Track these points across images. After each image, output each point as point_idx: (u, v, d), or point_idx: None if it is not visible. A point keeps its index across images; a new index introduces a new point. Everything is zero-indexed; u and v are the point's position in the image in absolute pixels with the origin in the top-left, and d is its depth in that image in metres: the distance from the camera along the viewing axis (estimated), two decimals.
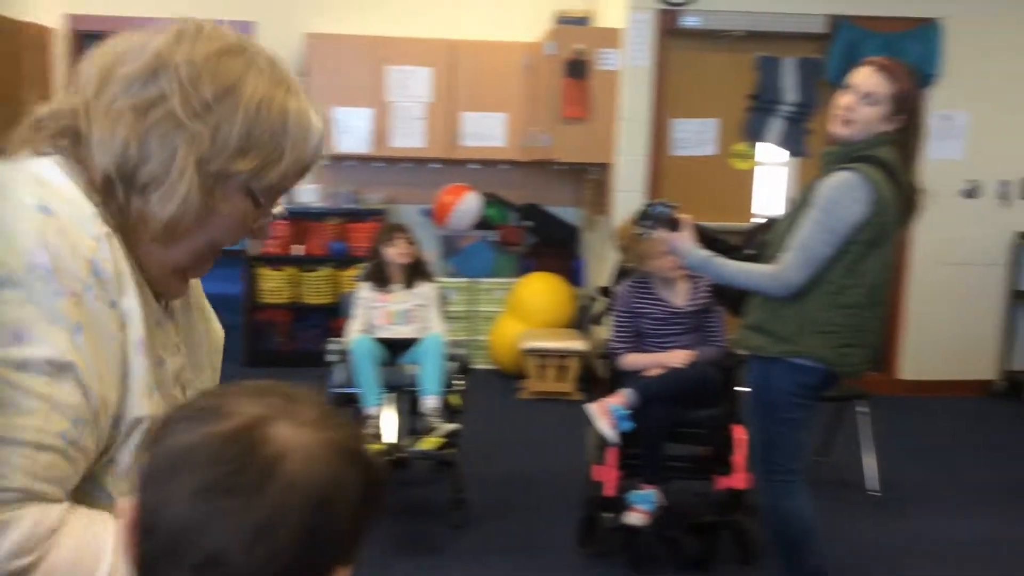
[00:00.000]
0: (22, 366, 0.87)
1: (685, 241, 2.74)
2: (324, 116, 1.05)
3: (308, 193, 5.87)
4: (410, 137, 5.91)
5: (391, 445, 3.47)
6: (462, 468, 3.71)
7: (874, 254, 2.54)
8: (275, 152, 0.98)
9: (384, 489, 0.74)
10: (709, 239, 2.82)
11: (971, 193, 5.63)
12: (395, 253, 3.98)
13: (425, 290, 4.02)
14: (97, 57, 0.99)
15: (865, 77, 2.56)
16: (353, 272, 4.52)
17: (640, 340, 3.52)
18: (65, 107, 0.99)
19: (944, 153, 5.56)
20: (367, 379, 3.63)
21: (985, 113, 5.54)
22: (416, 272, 4.03)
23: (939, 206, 5.56)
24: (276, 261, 5.85)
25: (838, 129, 2.60)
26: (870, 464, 4.10)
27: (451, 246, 6.25)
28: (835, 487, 4.02)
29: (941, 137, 5.55)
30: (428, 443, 3.44)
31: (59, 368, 0.88)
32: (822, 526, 2.85)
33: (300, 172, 1.03)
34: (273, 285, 5.85)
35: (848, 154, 2.56)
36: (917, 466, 4.45)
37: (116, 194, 0.97)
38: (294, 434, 0.69)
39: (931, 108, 5.50)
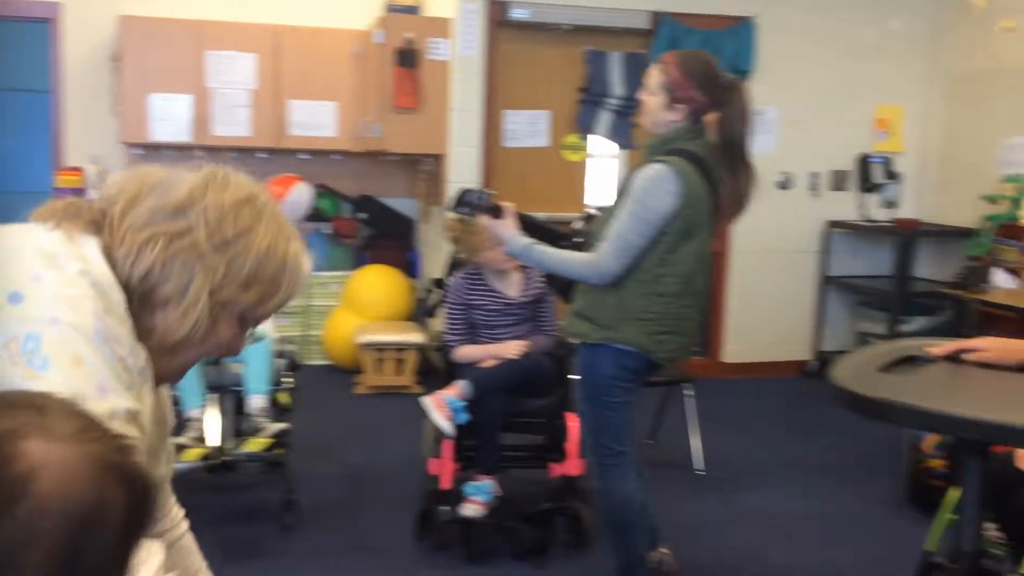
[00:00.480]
0: (112, 416, 0.97)
1: (507, 228, 2.73)
2: (311, 258, 1.21)
3: None
4: (234, 125, 5.66)
5: (215, 448, 3.30)
6: (293, 468, 3.59)
7: (686, 245, 2.61)
8: (273, 288, 1.15)
9: (153, 507, 0.67)
10: (536, 228, 2.83)
11: (784, 185, 5.96)
12: None
13: None
14: (129, 179, 1.14)
15: (648, 71, 2.73)
16: None
17: (474, 331, 3.51)
18: (94, 207, 1.11)
19: (758, 147, 5.81)
20: (188, 380, 3.44)
21: (795, 109, 5.88)
22: None
23: (756, 197, 5.90)
24: None
25: (639, 120, 2.77)
26: (696, 445, 4.27)
27: None
28: (664, 468, 4.16)
29: (755, 132, 5.84)
30: (255, 444, 3.30)
31: (133, 416, 1.02)
32: (653, 505, 2.95)
33: (284, 304, 1.18)
34: None
35: (662, 147, 2.65)
36: (739, 444, 4.68)
37: (130, 302, 1.09)
38: (47, 449, 0.62)
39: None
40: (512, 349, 3.41)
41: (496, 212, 2.74)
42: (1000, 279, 4.93)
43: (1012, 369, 1.67)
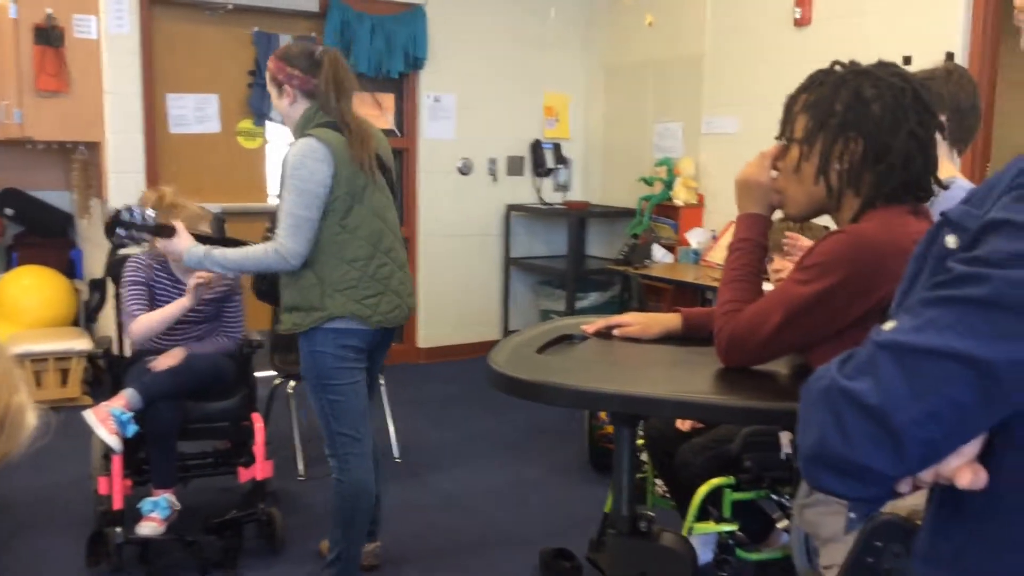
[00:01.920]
0: None
1: (181, 243, 2.70)
2: (37, 413, 1.07)
3: None
4: None
5: None
6: None
7: (359, 207, 2.65)
8: None
9: None
10: (214, 241, 2.80)
11: (464, 170, 6.12)
12: None
13: None
14: None
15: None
16: None
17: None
18: None
19: (438, 133, 5.97)
20: None
21: (471, 96, 6.05)
22: None
23: (438, 182, 6.02)
24: None
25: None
26: (392, 432, 4.26)
27: None
28: None
29: (434, 118, 5.95)
30: None
31: None
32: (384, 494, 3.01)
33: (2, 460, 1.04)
34: None
35: (304, 127, 2.67)
36: (434, 429, 4.74)
37: None
38: None
39: (423, 89, 5.88)
40: (189, 295, 3.19)
41: (164, 231, 2.69)
42: (659, 254, 5.40)
43: (653, 341, 1.79)
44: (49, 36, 4.71)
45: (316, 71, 2.66)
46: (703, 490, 2.69)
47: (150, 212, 2.70)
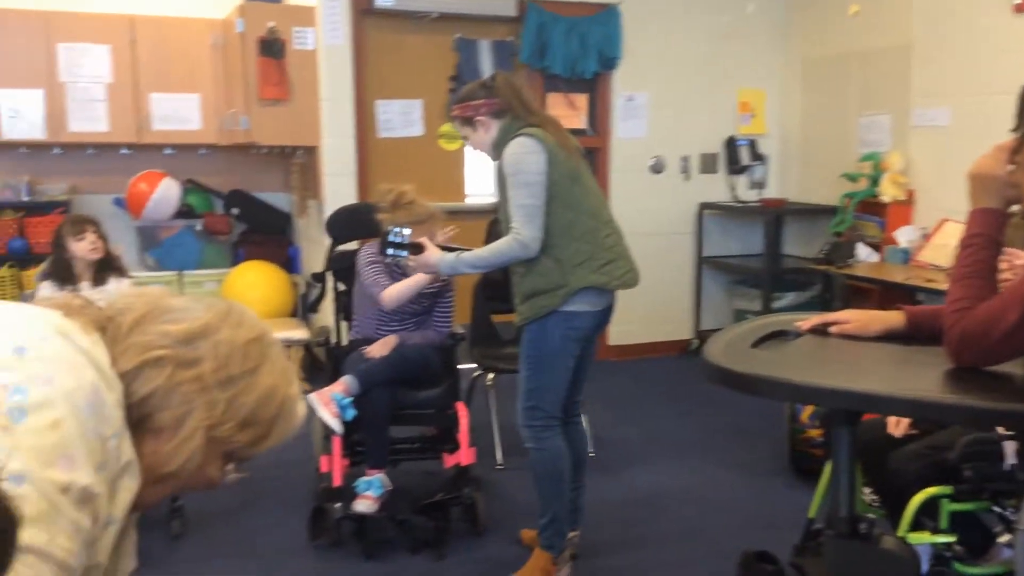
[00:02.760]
0: (65, 489, 0.93)
1: (431, 257, 2.93)
2: (304, 406, 1.21)
3: None
4: (91, 121, 5.38)
5: None
6: None
7: (576, 187, 2.85)
8: (267, 431, 1.13)
9: (14, 539, 0.62)
10: (448, 250, 3.01)
11: (656, 169, 6.10)
12: (83, 248, 3.61)
13: (117, 286, 3.67)
14: (142, 296, 1.12)
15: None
16: (35, 272, 4.04)
17: (377, 313, 3.49)
18: (101, 310, 1.09)
19: (631, 132, 5.99)
20: None
21: (663, 93, 6.02)
22: (106, 267, 3.67)
23: (630, 181, 6.03)
24: None
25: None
26: (585, 427, 4.32)
27: (150, 238, 5.80)
28: None
29: (627, 117, 5.97)
30: None
31: (89, 497, 0.96)
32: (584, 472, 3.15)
33: (270, 448, 1.16)
34: None
35: (505, 138, 2.88)
36: (627, 425, 4.78)
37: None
38: None
39: (616, 89, 5.91)
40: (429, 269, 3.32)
41: (416, 249, 2.93)
42: (863, 253, 5.19)
43: (873, 339, 1.75)
44: (272, 48, 5.10)
45: (494, 91, 2.89)
46: (918, 499, 2.57)
47: (407, 231, 2.95)
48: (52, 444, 0.93)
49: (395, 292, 3.41)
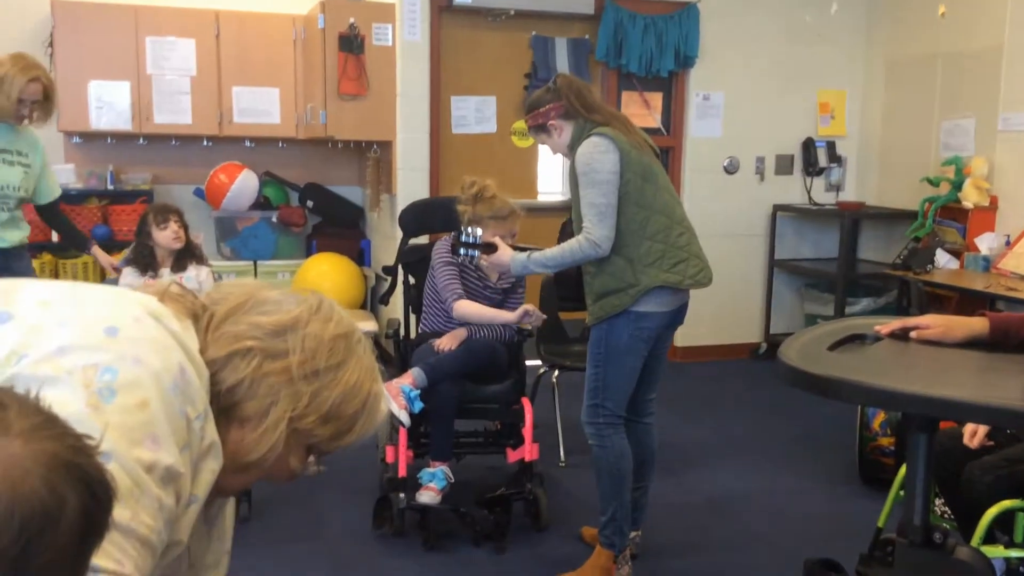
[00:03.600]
0: (150, 468, 0.96)
1: (504, 257, 2.98)
2: (387, 403, 1.23)
3: (63, 174, 5.37)
4: (175, 113, 5.54)
5: None
6: None
7: (649, 186, 2.84)
8: (349, 425, 1.15)
9: (111, 508, 0.64)
10: (521, 250, 3.04)
11: (731, 169, 6.02)
12: (166, 236, 3.72)
13: (196, 274, 3.78)
14: (239, 287, 1.16)
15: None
16: (118, 258, 4.19)
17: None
18: (196, 299, 1.13)
19: (705, 132, 5.92)
20: None
21: (740, 93, 5.94)
22: (186, 255, 3.78)
23: (703, 181, 5.97)
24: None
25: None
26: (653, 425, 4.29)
27: (228, 228, 5.94)
28: None
29: (702, 116, 5.90)
30: None
31: (173, 476, 0.99)
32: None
33: (352, 444, 1.18)
34: None
35: (579, 139, 2.88)
36: (692, 427, 4.73)
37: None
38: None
39: (692, 88, 5.85)
40: (516, 314, 3.42)
41: (489, 248, 2.97)
42: (943, 260, 5.05)
43: (955, 346, 1.70)
44: (352, 44, 5.18)
45: (558, 94, 2.89)
46: (993, 511, 2.50)
47: (479, 231, 3.00)
48: (139, 424, 0.96)
49: (465, 311, 3.43)
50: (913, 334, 1.74)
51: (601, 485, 2.99)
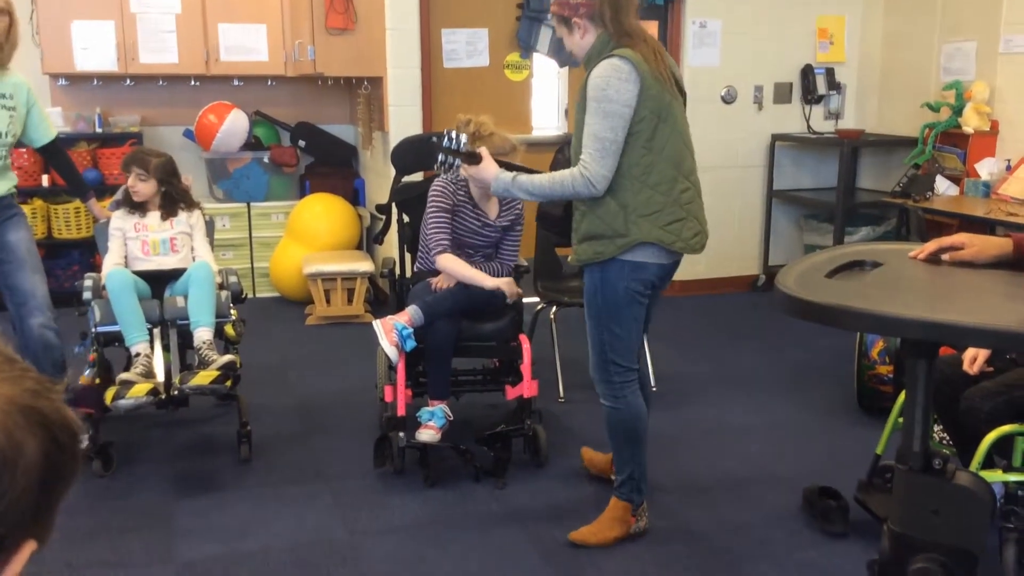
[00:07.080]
0: None
1: (487, 171, 2.72)
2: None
3: (51, 117, 5.27)
4: (161, 52, 5.43)
5: (163, 383, 3.23)
6: (245, 401, 3.54)
7: (663, 127, 2.57)
8: None
9: (76, 453, 0.62)
10: (512, 169, 2.78)
11: (728, 99, 5.92)
12: (131, 186, 3.65)
13: (188, 217, 3.72)
14: None
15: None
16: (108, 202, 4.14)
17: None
18: None
19: (703, 61, 5.80)
20: (128, 314, 3.34)
21: (737, 21, 5.81)
22: (172, 201, 3.71)
23: (700, 111, 5.87)
24: (23, 194, 5.23)
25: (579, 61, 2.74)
26: (647, 361, 4.29)
27: (219, 170, 5.87)
28: None
29: (699, 45, 5.79)
30: (203, 378, 3.22)
31: None
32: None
33: None
34: None
35: (600, 54, 2.59)
36: (690, 360, 4.73)
37: None
38: None
39: (688, 15, 5.72)
40: (493, 283, 3.31)
41: (472, 158, 2.72)
42: (942, 186, 4.99)
43: (987, 266, 1.66)
44: None
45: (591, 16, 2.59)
46: (992, 436, 2.50)
47: (463, 138, 2.75)
48: None
49: (447, 265, 3.33)
50: (945, 256, 1.70)
51: (615, 447, 2.85)
